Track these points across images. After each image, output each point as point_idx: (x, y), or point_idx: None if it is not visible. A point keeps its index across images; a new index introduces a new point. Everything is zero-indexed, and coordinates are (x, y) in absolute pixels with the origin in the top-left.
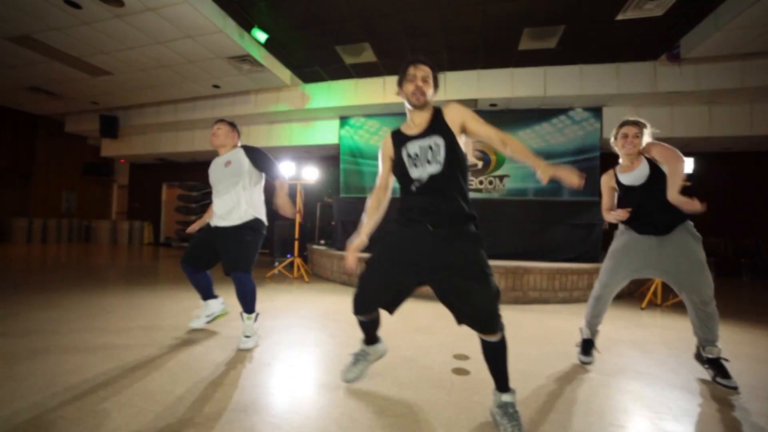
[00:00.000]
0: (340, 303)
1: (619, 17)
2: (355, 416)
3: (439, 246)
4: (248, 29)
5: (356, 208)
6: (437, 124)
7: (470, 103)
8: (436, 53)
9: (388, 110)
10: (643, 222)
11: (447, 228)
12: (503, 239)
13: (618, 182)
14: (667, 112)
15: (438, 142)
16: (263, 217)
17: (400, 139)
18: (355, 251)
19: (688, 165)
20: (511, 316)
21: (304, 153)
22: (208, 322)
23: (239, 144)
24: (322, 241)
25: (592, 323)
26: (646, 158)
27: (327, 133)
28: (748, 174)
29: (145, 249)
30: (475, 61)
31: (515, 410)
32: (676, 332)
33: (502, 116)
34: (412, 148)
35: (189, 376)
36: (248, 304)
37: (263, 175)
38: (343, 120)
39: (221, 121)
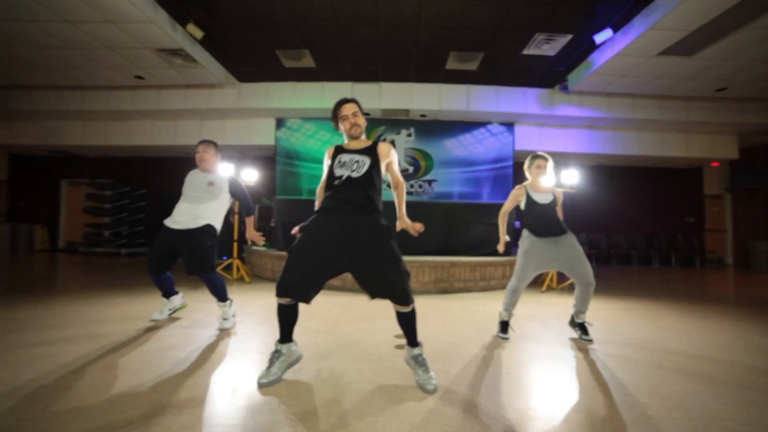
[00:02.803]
0: None
1: (525, 52)
2: (320, 386)
3: (355, 227)
4: (182, 23)
5: (297, 209)
6: (369, 150)
7: (402, 113)
8: (373, 64)
9: (325, 114)
10: (542, 228)
11: (358, 212)
12: (433, 238)
13: (529, 196)
14: (561, 132)
15: (365, 160)
16: (213, 221)
17: (339, 150)
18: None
19: (574, 176)
20: (440, 303)
21: (238, 153)
22: (170, 315)
23: (219, 169)
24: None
25: (509, 309)
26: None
27: (263, 134)
28: (613, 183)
29: (40, 257)
30: (408, 75)
31: (423, 358)
32: (563, 308)
33: (431, 126)
34: (344, 157)
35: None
36: (220, 295)
37: (233, 201)
38: (280, 122)
39: (206, 143)
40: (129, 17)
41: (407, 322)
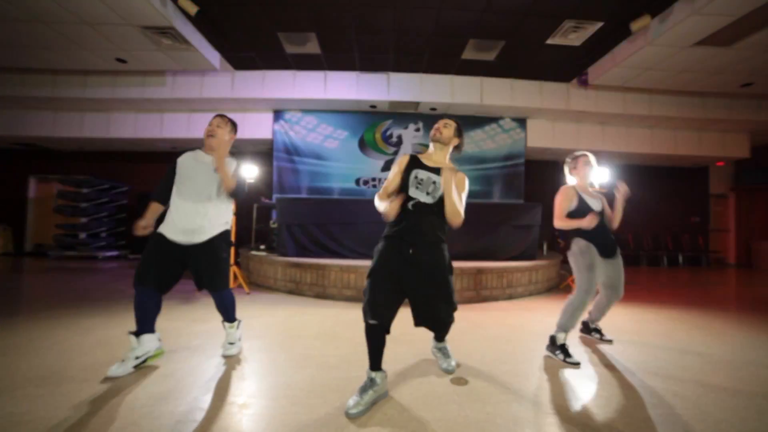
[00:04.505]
0: (297, 315)
1: (548, 41)
2: None
3: (415, 264)
4: None
5: (305, 210)
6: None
7: (412, 106)
8: (383, 52)
9: (329, 107)
10: (605, 244)
11: (426, 248)
12: (454, 241)
13: (582, 200)
14: (574, 128)
15: (440, 184)
16: (230, 226)
17: (416, 163)
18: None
19: (605, 175)
20: (470, 315)
21: (232, 148)
22: (137, 366)
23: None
24: (262, 246)
25: (569, 330)
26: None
27: (259, 127)
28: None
29: (2, 261)
30: (420, 65)
31: (448, 350)
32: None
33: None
34: (422, 174)
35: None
36: (229, 315)
37: None
38: (278, 114)
39: (224, 117)
40: None
41: (444, 329)
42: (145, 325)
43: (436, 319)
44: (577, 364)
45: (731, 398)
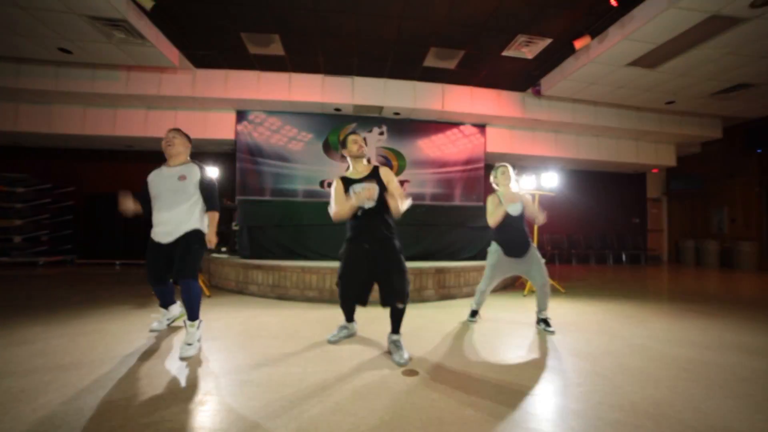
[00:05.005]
0: (257, 317)
1: (504, 53)
2: None
3: (372, 257)
4: None
5: (265, 212)
6: (374, 175)
7: (376, 110)
8: (348, 57)
9: (294, 108)
10: (511, 246)
11: (377, 242)
12: (413, 242)
13: (501, 204)
14: (530, 135)
15: (374, 188)
16: (205, 229)
17: (348, 182)
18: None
19: (553, 180)
20: (429, 313)
21: (192, 149)
22: (169, 325)
23: (190, 158)
24: (223, 249)
25: (480, 303)
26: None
27: (221, 127)
28: (574, 186)
29: None
30: (384, 70)
31: (401, 343)
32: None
33: (404, 125)
34: (357, 188)
35: None
36: (194, 310)
37: None
38: (241, 114)
39: (176, 130)
40: None
41: (398, 315)
42: (165, 300)
43: (393, 289)
44: (472, 321)
45: (639, 373)
